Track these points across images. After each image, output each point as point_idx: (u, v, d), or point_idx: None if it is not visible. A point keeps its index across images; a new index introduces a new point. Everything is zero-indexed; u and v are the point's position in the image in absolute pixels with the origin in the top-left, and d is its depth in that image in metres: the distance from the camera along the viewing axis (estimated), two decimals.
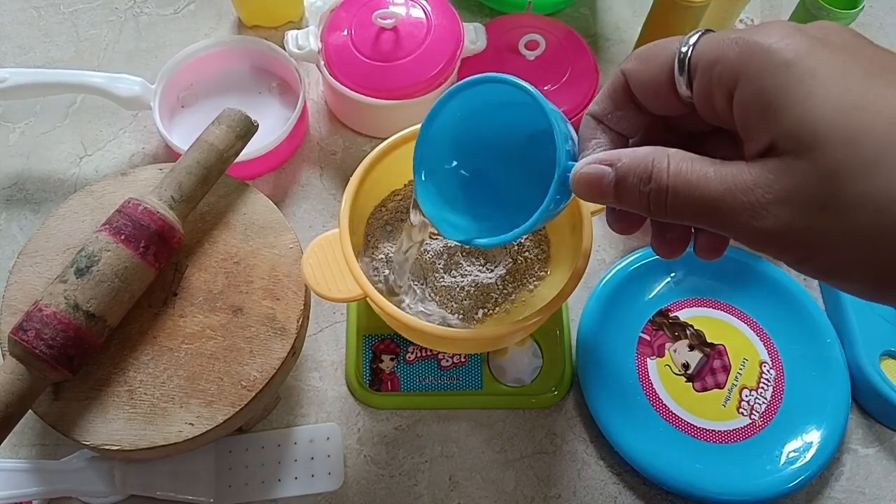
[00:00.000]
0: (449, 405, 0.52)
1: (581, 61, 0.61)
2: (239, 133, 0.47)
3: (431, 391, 0.52)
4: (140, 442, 0.41)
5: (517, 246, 0.48)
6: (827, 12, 0.55)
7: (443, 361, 0.52)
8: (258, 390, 0.43)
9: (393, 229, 0.50)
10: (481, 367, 0.52)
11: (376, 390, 0.52)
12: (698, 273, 0.55)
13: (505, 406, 0.52)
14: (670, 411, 0.51)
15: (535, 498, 0.50)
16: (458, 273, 0.47)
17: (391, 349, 0.52)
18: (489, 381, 0.52)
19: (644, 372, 0.52)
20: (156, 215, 0.43)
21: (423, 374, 0.52)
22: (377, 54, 0.57)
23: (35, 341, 0.39)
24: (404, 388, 0.52)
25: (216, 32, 0.68)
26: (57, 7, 0.69)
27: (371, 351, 0.52)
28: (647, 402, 0.51)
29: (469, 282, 0.47)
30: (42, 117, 0.63)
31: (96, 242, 0.42)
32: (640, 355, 0.52)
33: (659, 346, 0.53)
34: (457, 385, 0.52)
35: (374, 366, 0.52)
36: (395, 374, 0.52)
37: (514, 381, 0.52)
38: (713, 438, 0.50)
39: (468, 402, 0.52)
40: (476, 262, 0.48)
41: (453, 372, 0.52)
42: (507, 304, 0.48)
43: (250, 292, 0.46)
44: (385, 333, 0.53)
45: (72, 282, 0.40)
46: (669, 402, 0.51)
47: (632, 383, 0.51)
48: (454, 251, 0.47)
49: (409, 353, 0.52)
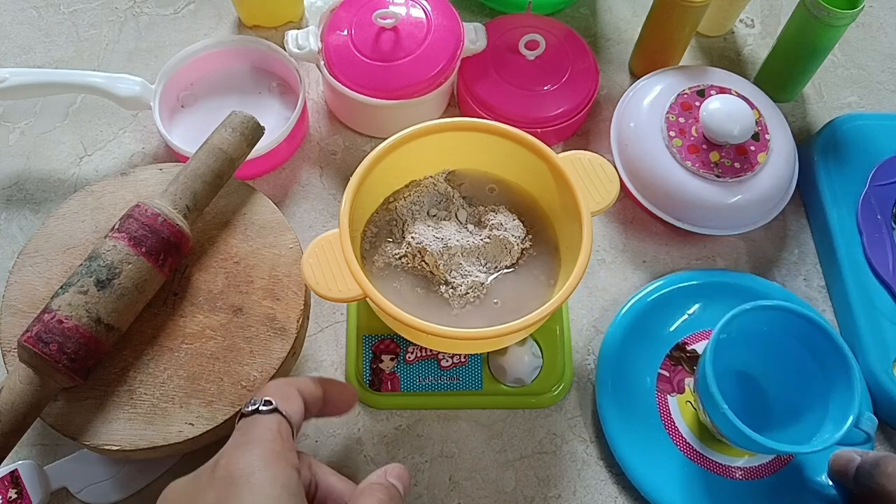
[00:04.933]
0: (449, 405, 0.52)
1: (581, 61, 0.61)
2: (249, 140, 0.47)
3: (431, 391, 0.52)
4: (140, 442, 0.41)
5: (517, 244, 0.49)
6: (827, 12, 0.55)
7: (443, 361, 0.52)
8: (258, 390, 0.43)
9: (393, 229, 0.50)
10: (481, 368, 0.52)
11: (376, 390, 0.52)
12: (715, 305, 0.54)
13: (505, 406, 0.52)
14: (694, 449, 0.49)
15: (535, 498, 0.50)
16: (458, 273, 0.47)
17: (391, 349, 0.52)
18: (489, 381, 0.52)
19: (665, 409, 0.51)
20: (175, 227, 0.43)
21: (423, 374, 0.52)
22: (377, 54, 0.57)
23: (58, 355, 0.39)
24: (404, 388, 0.52)
25: (216, 32, 0.68)
26: (57, 7, 0.69)
27: (371, 351, 0.52)
28: (670, 440, 0.50)
29: (470, 282, 0.47)
30: (42, 117, 0.63)
31: (115, 252, 0.41)
32: (661, 392, 0.51)
33: (678, 382, 0.52)
34: (457, 385, 0.52)
35: (375, 366, 0.52)
36: (396, 374, 0.52)
37: (515, 382, 0.52)
38: (740, 475, 0.49)
39: (468, 402, 0.52)
40: (476, 262, 0.48)
41: (453, 372, 0.52)
42: None
43: (250, 292, 0.46)
44: (385, 334, 0.53)
45: (92, 293, 0.40)
46: (692, 440, 0.50)
47: (654, 422, 0.50)
48: (454, 251, 0.47)
49: (409, 353, 0.52)
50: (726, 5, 0.65)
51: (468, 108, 0.61)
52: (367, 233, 0.49)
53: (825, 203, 0.58)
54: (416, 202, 0.50)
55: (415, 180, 0.51)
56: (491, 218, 0.49)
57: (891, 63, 0.69)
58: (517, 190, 0.51)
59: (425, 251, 0.47)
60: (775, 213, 0.57)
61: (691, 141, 0.56)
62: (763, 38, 0.69)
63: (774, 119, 0.58)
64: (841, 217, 0.57)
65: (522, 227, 0.49)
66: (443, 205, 0.50)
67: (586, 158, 0.47)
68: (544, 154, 0.47)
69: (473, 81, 0.60)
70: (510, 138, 0.48)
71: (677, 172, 0.55)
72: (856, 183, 0.58)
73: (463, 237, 0.48)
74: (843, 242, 0.56)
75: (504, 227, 0.48)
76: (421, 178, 0.51)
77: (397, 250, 0.48)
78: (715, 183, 0.55)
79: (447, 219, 0.50)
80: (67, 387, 0.41)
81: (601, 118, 0.64)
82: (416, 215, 0.49)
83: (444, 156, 0.50)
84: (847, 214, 0.57)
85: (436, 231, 0.48)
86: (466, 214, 0.50)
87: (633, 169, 0.57)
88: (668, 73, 0.60)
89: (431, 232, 0.48)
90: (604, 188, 0.46)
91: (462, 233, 0.49)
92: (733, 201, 0.55)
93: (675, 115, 0.57)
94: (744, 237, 0.59)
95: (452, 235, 0.48)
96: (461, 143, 0.49)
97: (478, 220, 0.50)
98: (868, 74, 0.68)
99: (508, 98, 0.59)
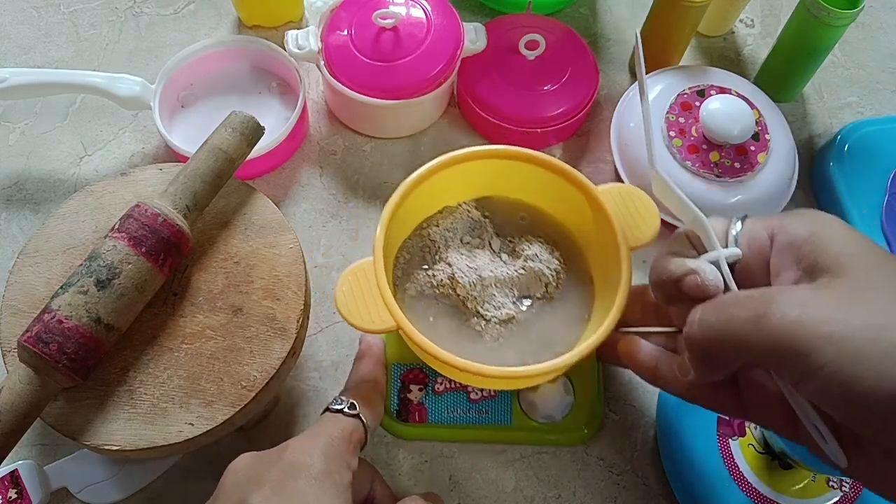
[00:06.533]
0: (477, 438, 0.51)
1: (581, 61, 0.61)
2: (249, 140, 0.47)
3: (459, 424, 0.50)
4: (140, 442, 0.41)
5: (551, 276, 0.47)
6: (827, 12, 0.55)
7: (472, 394, 0.51)
8: (258, 390, 0.43)
9: (427, 255, 0.49)
10: (511, 402, 0.50)
11: (403, 420, 0.50)
12: None
13: (534, 442, 0.51)
14: (761, 494, 0.48)
15: (535, 498, 0.50)
16: (491, 305, 0.46)
17: (420, 379, 0.51)
18: (519, 416, 0.50)
19: (728, 454, 0.49)
20: (175, 227, 0.43)
21: (451, 406, 0.50)
22: (377, 54, 0.57)
23: (58, 355, 0.39)
24: (432, 419, 0.50)
25: (216, 32, 0.68)
26: (57, 7, 0.69)
27: (399, 380, 0.51)
28: (736, 486, 0.48)
29: (503, 314, 0.46)
30: (42, 117, 0.63)
31: (115, 252, 0.41)
32: (722, 437, 0.49)
33: (739, 425, 0.50)
34: (485, 419, 0.50)
35: (403, 395, 0.51)
36: (424, 405, 0.50)
37: (545, 418, 0.50)
38: None
39: (496, 436, 0.50)
40: (509, 292, 0.47)
41: (482, 405, 0.50)
42: None
43: (250, 292, 0.46)
44: (414, 363, 0.51)
45: (92, 293, 0.40)
46: (759, 485, 0.48)
47: (718, 468, 0.48)
48: (488, 283, 0.46)
49: (438, 383, 0.51)
50: (726, 5, 0.65)
51: (468, 108, 0.61)
52: (399, 259, 0.49)
53: (850, 217, 0.57)
54: (449, 228, 0.49)
55: (448, 206, 0.50)
56: (525, 248, 0.48)
57: (891, 63, 0.69)
58: (550, 219, 0.50)
59: (458, 283, 0.46)
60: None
61: (691, 141, 0.56)
62: (763, 38, 0.69)
63: (774, 119, 0.58)
64: (867, 229, 0.56)
65: (557, 258, 0.48)
66: (476, 232, 0.50)
67: (626, 191, 0.46)
68: (583, 185, 0.46)
69: (473, 81, 0.60)
70: (548, 168, 0.47)
71: (677, 172, 0.55)
72: (875, 191, 0.58)
73: (497, 267, 0.47)
74: None
75: (539, 259, 0.47)
76: (454, 205, 0.50)
77: (431, 279, 0.47)
78: (715, 183, 0.55)
79: (480, 247, 0.49)
80: (67, 387, 0.41)
81: (601, 118, 0.64)
82: (450, 242, 0.49)
83: (478, 182, 0.49)
84: (872, 225, 0.57)
85: (469, 260, 0.47)
86: (500, 243, 0.49)
87: (633, 169, 0.57)
88: (668, 73, 0.60)
89: (465, 261, 0.47)
90: (644, 223, 0.45)
91: (496, 262, 0.48)
92: (733, 201, 0.55)
93: (675, 115, 0.57)
94: None
95: (486, 265, 0.47)
96: (496, 169, 0.48)
97: (511, 249, 0.49)
98: (868, 74, 0.68)
99: (508, 98, 0.59)
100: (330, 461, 0.38)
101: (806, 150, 0.63)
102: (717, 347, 0.33)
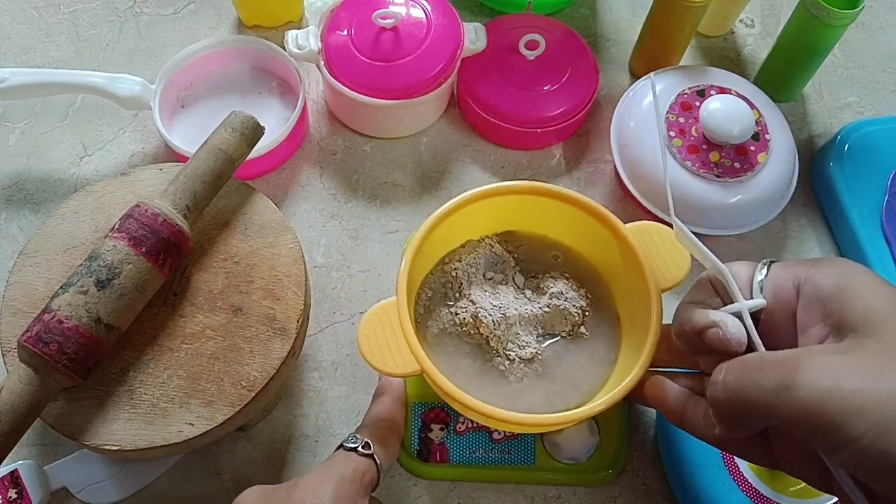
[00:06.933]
0: (499, 479, 0.50)
1: (581, 61, 0.61)
2: (249, 140, 0.47)
3: (482, 464, 0.49)
4: (140, 442, 0.41)
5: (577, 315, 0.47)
6: (827, 12, 0.55)
7: (494, 434, 0.50)
8: (258, 390, 0.43)
9: (449, 292, 0.48)
10: (534, 443, 0.49)
11: (424, 460, 0.49)
12: None
13: (557, 482, 0.50)
14: (761, 494, 0.47)
15: (535, 497, 0.50)
16: (515, 344, 0.46)
17: (441, 418, 0.50)
18: (542, 457, 0.49)
19: (728, 454, 0.48)
20: (175, 227, 0.43)
21: (473, 447, 0.49)
22: (377, 54, 0.57)
23: (58, 355, 0.39)
24: (454, 459, 0.49)
25: (216, 32, 0.68)
26: (57, 7, 0.69)
27: (420, 419, 0.50)
28: (736, 486, 0.47)
29: (527, 353, 0.46)
30: (42, 117, 0.63)
31: (115, 252, 0.41)
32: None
33: None
34: (508, 459, 0.49)
35: (424, 435, 0.50)
36: (445, 445, 0.49)
37: (569, 459, 0.49)
38: None
39: (519, 476, 0.49)
40: (534, 330, 0.47)
41: (505, 445, 0.49)
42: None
43: (250, 292, 0.46)
44: (435, 402, 0.50)
45: (92, 293, 0.40)
46: (759, 485, 0.48)
47: (718, 468, 0.48)
48: (512, 321, 0.46)
49: (460, 423, 0.50)
50: (726, 5, 0.65)
51: (468, 108, 0.61)
52: (420, 296, 0.48)
53: (850, 217, 0.57)
54: (472, 264, 0.48)
55: (471, 240, 0.49)
56: (550, 285, 0.47)
57: (891, 63, 0.69)
58: (576, 256, 0.49)
59: (481, 322, 0.45)
60: (775, 214, 0.57)
61: (691, 141, 0.56)
62: (763, 38, 0.69)
63: (774, 119, 0.58)
64: (867, 229, 0.56)
65: (583, 295, 0.48)
66: (499, 267, 0.49)
67: (654, 229, 0.45)
68: (610, 223, 0.45)
69: (473, 81, 0.60)
70: (574, 204, 0.46)
71: (677, 172, 0.55)
72: (875, 191, 0.58)
73: (521, 305, 0.47)
74: (874, 256, 0.56)
75: (564, 297, 0.47)
76: (477, 238, 0.49)
77: (454, 317, 0.47)
78: (715, 183, 0.55)
79: (504, 283, 0.48)
80: (67, 387, 0.41)
81: (601, 118, 0.64)
82: (473, 278, 0.48)
83: (501, 216, 0.49)
84: (872, 225, 0.57)
85: (493, 297, 0.47)
86: (524, 279, 0.49)
87: (633, 169, 0.57)
88: (668, 73, 0.60)
89: (489, 299, 0.46)
90: (674, 264, 0.43)
91: (520, 300, 0.47)
92: (733, 201, 0.55)
93: (675, 115, 0.57)
94: (743, 237, 0.59)
95: (511, 303, 0.46)
96: (520, 204, 0.47)
97: (536, 285, 0.48)
98: (868, 74, 0.68)
99: (508, 98, 0.59)
100: (339, 503, 0.37)
101: (806, 150, 0.63)
102: (742, 413, 0.32)
